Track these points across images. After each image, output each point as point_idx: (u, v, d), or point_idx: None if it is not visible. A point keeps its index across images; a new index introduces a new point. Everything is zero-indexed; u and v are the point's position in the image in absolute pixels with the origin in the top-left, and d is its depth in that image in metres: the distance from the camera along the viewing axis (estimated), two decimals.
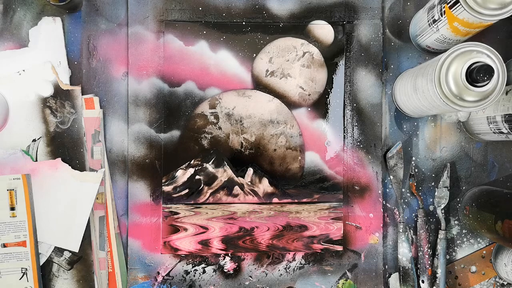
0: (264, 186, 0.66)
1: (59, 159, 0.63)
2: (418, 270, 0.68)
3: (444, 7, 0.56)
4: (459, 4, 0.53)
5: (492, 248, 0.69)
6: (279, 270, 0.67)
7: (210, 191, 0.66)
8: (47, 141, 0.64)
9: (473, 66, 0.51)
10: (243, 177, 0.66)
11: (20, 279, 0.61)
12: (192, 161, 0.66)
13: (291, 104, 0.67)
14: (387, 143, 0.68)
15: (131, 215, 0.65)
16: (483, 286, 0.69)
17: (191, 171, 0.66)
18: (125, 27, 0.65)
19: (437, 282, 0.67)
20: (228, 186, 0.66)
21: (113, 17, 0.66)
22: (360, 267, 0.67)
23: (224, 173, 0.66)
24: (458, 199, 0.69)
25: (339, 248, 0.67)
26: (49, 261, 0.63)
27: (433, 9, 0.59)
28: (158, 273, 0.66)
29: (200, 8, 0.66)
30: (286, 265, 0.67)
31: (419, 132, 0.68)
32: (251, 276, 0.67)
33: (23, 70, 0.63)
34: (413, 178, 0.68)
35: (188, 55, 0.66)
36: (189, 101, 0.66)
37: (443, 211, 0.68)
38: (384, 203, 0.68)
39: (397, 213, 0.68)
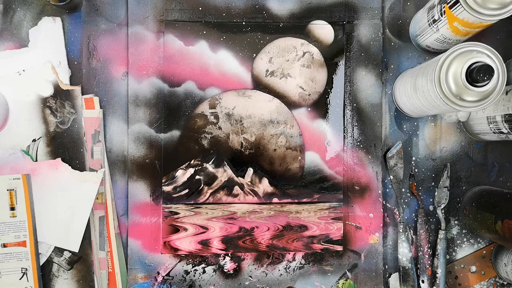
0: (264, 186, 0.66)
1: (59, 159, 0.63)
2: (418, 270, 0.68)
3: (444, 7, 0.56)
4: (459, 4, 0.53)
5: (492, 248, 0.69)
6: (279, 270, 0.67)
7: (210, 191, 0.66)
8: (47, 141, 0.64)
9: (473, 66, 0.51)
10: (243, 177, 0.66)
11: (20, 279, 0.61)
12: (192, 161, 0.66)
13: (291, 104, 0.67)
14: (387, 143, 0.68)
15: (131, 215, 0.65)
16: (483, 286, 0.69)
17: (191, 171, 0.66)
18: (125, 27, 0.66)
19: (437, 282, 0.67)
20: (228, 186, 0.66)
21: (113, 17, 0.66)
22: (360, 267, 0.67)
23: (224, 173, 0.66)
24: (458, 199, 0.69)
25: (339, 248, 0.67)
26: (49, 261, 0.63)
27: (433, 9, 0.59)
28: (158, 273, 0.66)
29: (200, 8, 0.66)
30: (286, 265, 0.67)
31: (419, 132, 0.68)
32: (251, 276, 0.67)
33: (23, 70, 0.63)
34: (413, 178, 0.68)
35: (188, 55, 0.66)
36: (189, 101, 0.66)
37: (443, 211, 0.68)
38: (384, 203, 0.68)
39: (397, 213, 0.68)
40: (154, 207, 0.65)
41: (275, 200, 0.66)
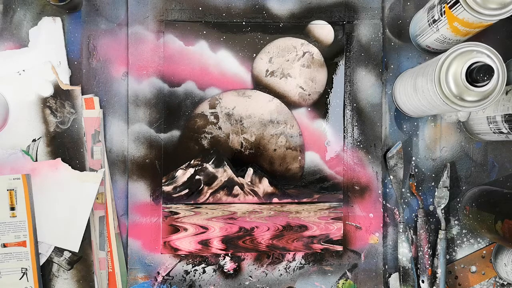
0: (264, 186, 0.66)
1: (59, 159, 0.63)
2: (418, 270, 0.68)
3: (444, 7, 0.56)
4: (459, 4, 0.53)
5: (492, 248, 0.69)
6: (279, 270, 0.67)
7: (210, 191, 0.66)
8: (47, 141, 0.64)
9: (473, 66, 0.51)
10: (243, 177, 0.66)
11: (20, 279, 0.61)
12: (192, 161, 0.66)
13: (291, 104, 0.67)
14: (387, 143, 0.68)
15: (131, 215, 0.65)
16: (483, 286, 0.69)
17: (191, 171, 0.66)
18: (125, 27, 0.65)
19: (437, 282, 0.67)
20: (228, 186, 0.66)
21: (113, 17, 0.66)
22: (360, 267, 0.67)
23: (224, 173, 0.66)
24: (458, 199, 0.69)
25: (339, 248, 0.67)
26: (49, 261, 0.63)
27: (433, 9, 0.59)
28: (158, 273, 0.66)
29: (200, 8, 0.66)
30: (286, 265, 0.67)
31: (419, 132, 0.68)
32: (251, 276, 0.67)
33: (23, 70, 0.63)
34: (413, 178, 0.68)
35: (188, 55, 0.66)
36: (189, 101, 0.66)
37: (443, 211, 0.68)
38: (384, 203, 0.68)
39: (397, 213, 0.68)
40: (154, 207, 0.65)
41: (275, 200, 0.66)
